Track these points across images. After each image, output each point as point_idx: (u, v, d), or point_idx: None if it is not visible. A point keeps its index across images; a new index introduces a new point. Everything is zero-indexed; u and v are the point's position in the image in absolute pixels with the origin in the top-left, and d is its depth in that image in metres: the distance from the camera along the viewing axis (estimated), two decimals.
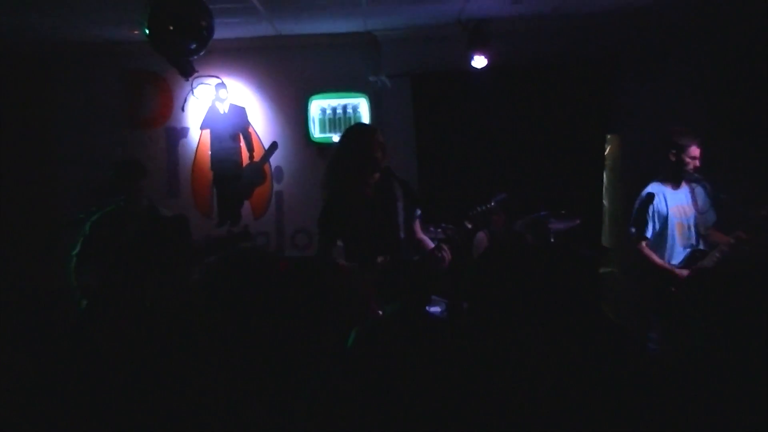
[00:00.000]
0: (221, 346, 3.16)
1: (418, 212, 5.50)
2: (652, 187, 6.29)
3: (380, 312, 4.83)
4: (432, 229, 6.73)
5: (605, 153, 8.69)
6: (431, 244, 5.34)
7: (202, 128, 8.71)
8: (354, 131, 5.55)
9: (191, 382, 3.09)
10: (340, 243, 5.41)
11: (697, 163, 6.12)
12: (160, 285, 5.99)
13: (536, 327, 3.17)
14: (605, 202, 8.76)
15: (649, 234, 6.25)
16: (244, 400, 2.89)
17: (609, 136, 8.71)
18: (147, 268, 5.96)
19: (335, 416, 2.93)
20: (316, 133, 8.70)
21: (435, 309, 5.59)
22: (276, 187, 8.82)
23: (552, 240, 7.43)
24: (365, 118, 8.61)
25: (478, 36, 8.02)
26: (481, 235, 7.22)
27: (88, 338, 3.66)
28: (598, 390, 2.90)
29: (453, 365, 3.08)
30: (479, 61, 8.04)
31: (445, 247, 5.06)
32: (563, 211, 7.30)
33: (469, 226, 5.40)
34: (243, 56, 8.64)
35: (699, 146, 6.12)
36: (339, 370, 3.23)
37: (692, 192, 6.23)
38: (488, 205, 6.19)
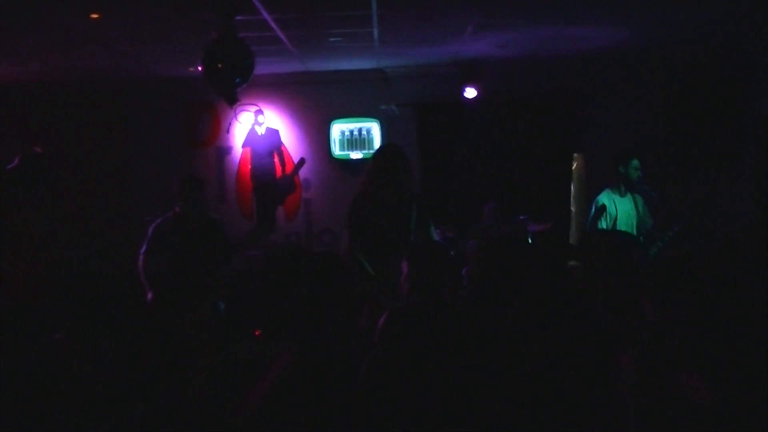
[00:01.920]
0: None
1: (432, 222, 5.59)
2: (605, 196, 6.50)
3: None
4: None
5: (572, 168, 8.85)
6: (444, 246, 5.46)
7: (244, 147, 8.95)
8: (380, 151, 5.66)
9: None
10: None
11: (639, 173, 6.34)
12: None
13: (522, 305, 3.27)
14: (572, 208, 8.90)
15: None
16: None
17: (575, 155, 8.88)
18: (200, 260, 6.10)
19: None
20: (336, 151, 8.93)
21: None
22: (304, 195, 9.06)
23: (530, 238, 7.59)
24: (377, 139, 8.80)
25: (470, 73, 8.28)
26: (473, 242, 7.36)
27: (157, 323, 3.70)
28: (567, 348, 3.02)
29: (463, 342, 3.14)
30: (471, 93, 8.31)
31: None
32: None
33: (471, 240, 5.50)
34: (278, 88, 8.91)
35: (639, 160, 6.34)
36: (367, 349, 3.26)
37: (634, 200, 6.45)
38: (485, 224, 6.29)
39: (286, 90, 8.97)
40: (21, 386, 3.07)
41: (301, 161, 8.89)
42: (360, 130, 8.94)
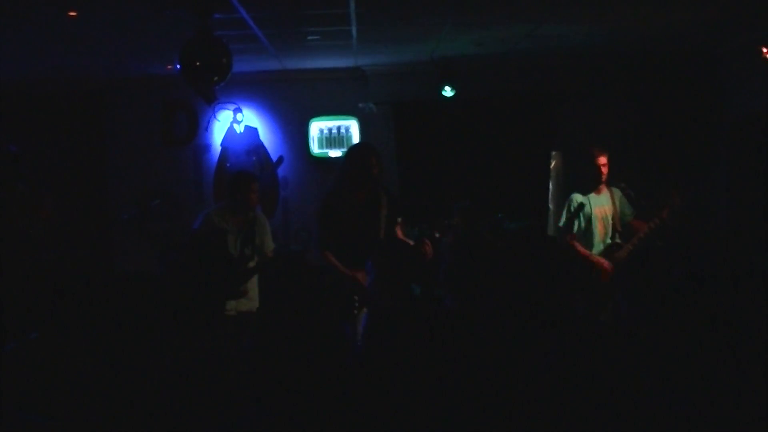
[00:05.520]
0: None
1: (399, 219, 5.58)
2: (579, 194, 6.41)
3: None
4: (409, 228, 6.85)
5: (551, 166, 8.90)
6: (411, 243, 5.41)
7: (222, 145, 8.89)
8: (354, 149, 5.67)
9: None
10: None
11: (605, 168, 6.27)
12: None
13: (500, 301, 3.32)
14: (551, 205, 8.95)
15: (574, 230, 6.35)
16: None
17: (553, 153, 8.93)
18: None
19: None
20: (315, 149, 8.92)
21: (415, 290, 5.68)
22: (282, 193, 8.97)
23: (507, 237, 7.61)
24: (355, 137, 8.80)
25: (447, 71, 8.28)
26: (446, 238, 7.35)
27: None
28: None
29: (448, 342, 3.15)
30: (448, 92, 8.28)
31: (426, 241, 5.12)
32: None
33: (437, 234, 5.46)
34: (256, 86, 8.89)
35: (605, 155, 6.28)
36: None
37: (611, 195, 6.38)
38: (451, 218, 6.30)
39: (264, 88, 8.94)
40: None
41: (279, 159, 8.88)
42: (338, 128, 8.93)
